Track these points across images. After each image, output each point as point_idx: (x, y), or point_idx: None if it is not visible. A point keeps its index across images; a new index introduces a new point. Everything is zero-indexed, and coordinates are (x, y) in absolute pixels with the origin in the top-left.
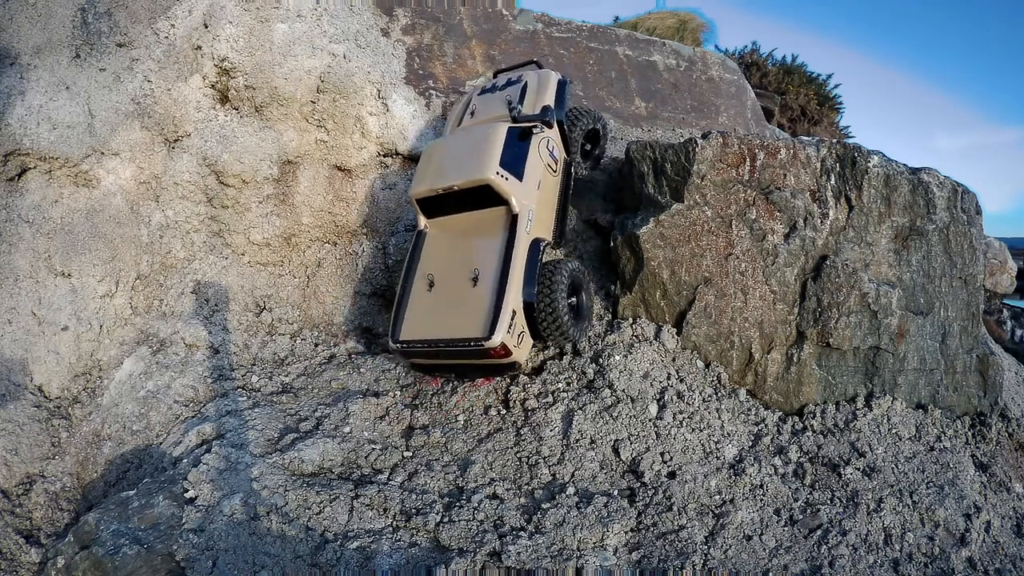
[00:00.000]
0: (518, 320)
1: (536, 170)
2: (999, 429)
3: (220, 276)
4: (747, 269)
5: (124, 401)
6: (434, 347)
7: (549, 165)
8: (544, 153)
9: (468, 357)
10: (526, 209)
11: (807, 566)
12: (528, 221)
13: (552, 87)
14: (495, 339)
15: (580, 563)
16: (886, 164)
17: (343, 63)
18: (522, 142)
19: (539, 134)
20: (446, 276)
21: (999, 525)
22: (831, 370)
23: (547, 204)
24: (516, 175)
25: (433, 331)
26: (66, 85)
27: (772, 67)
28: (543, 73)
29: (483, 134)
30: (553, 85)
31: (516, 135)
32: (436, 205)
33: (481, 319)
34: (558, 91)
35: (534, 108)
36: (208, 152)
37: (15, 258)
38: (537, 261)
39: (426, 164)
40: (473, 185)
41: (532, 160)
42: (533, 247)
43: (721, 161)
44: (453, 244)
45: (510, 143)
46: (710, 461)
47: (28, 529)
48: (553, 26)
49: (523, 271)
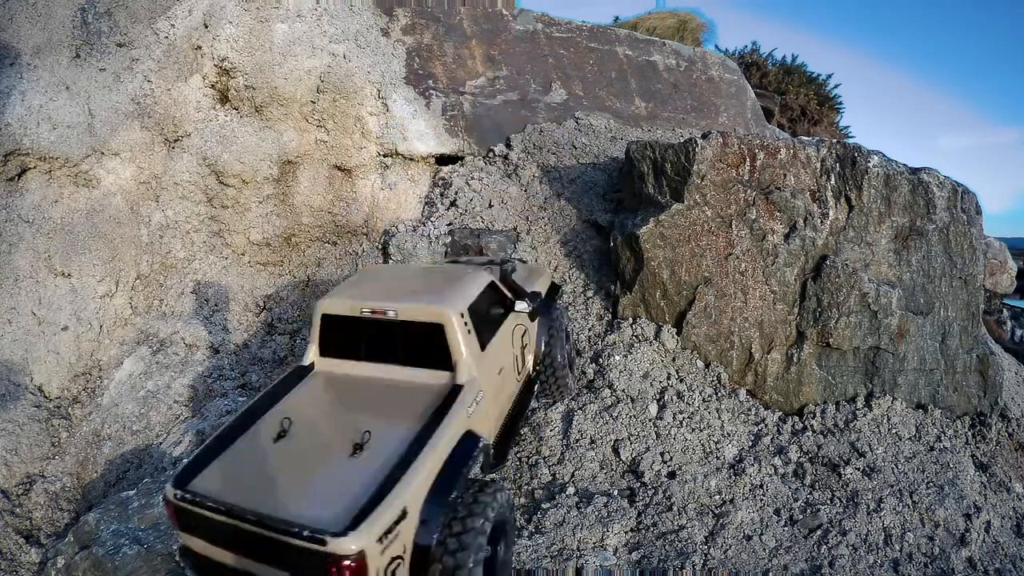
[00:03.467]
0: (404, 532)
1: (503, 352)
2: (999, 429)
3: (220, 276)
4: (747, 269)
5: (124, 401)
6: (233, 521)
7: (517, 357)
8: (517, 340)
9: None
10: (475, 386)
11: (807, 566)
12: (474, 402)
13: (547, 280)
14: (352, 541)
15: (580, 563)
16: (886, 164)
17: (343, 63)
18: (500, 308)
19: (522, 312)
20: (312, 429)
21: (999, 525)
22: (831, 370)
23: (500, 403)
24: (480, 338)
25: (247, 497)
26: (66, 85)
27: (772, 67)
28: (541, 267)
29: (457, 271)
30: (548, 279)
31: (497, 294)
32: (344, 338)
33: (341, 502)
34: (551, 288)
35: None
36: (208, 152)
37: (15, 258)
38: (463, 467)
39: (357, 281)
40: (420, 320)
41: (503, 336)
42: (467, 442)
43: (721, 161)
44: (343, 396)
45: (487, 298)
46: (710, 461)
47: (28, 529)
48: (553, 26)
49: (439, 469)
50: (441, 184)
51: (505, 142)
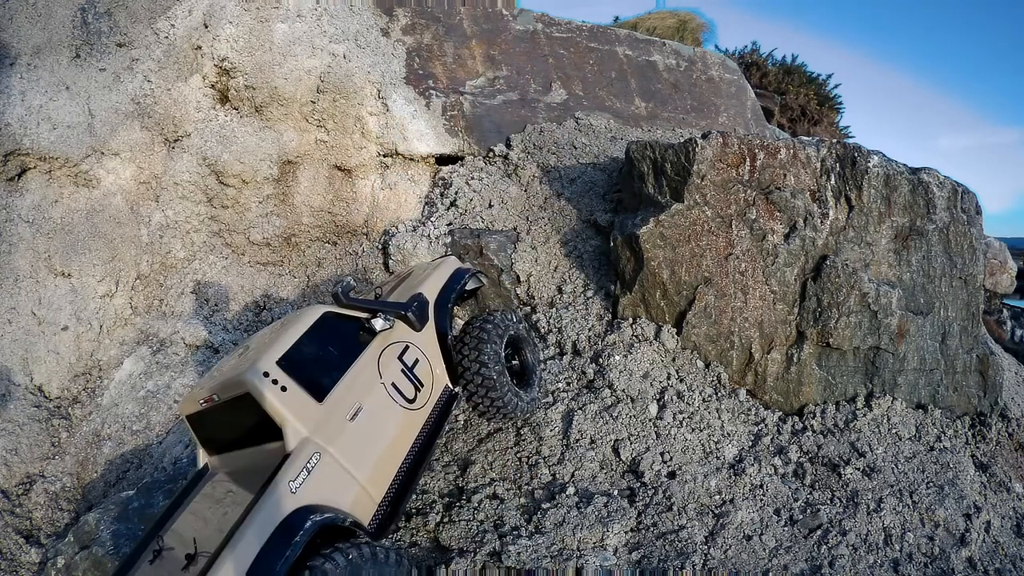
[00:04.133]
0: None
1: (366, 390)
2: (999, 429)
3: (220, 276)
4: (747, 269)
5: (124, 401)
6: None
7: (399, 389)
8: (392, 367)
9: None
10: (308, 448)
11: (807, 566)
12: (304, 472)
13: (444, 273)
14: None
15: (580, 563)
16: (886, 164)
17: (343, 63)
18: (345, 341)
19: (385, 330)
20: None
21: (999, 525)
22: (831, 370)
23: (380, 453)
24: (312, 387)
25: None
26: (66, 85)
27: (772, 67)
28: (441, 260)
29: (286, 319)
30: (446, 272)
31: (336, 326)
32: (213, 431)
33: None
34: (450, 281)
35: (399, 297)
36: (208, 152)
37: (15, 258)
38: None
39: (222, 359)
40: (233, 396)
41: (363, 368)
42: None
43: (721, 161)
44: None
45: (318, 337)
46: (710, 461)
47: (28, 529)
48: (553, 26)
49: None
50: (441, 184)
51: (505, 142)
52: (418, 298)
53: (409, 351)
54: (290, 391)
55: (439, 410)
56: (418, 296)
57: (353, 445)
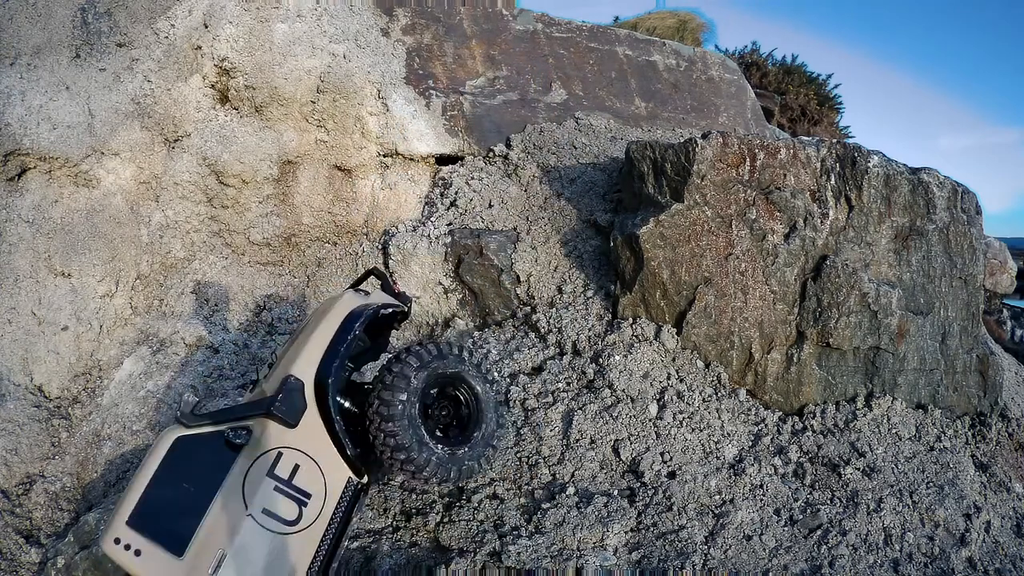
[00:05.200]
0: None
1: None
2: (999, 429)
3: (220, 276)
4: (747, 269)
5: (124, 401)
6: None
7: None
8: (261, 488)
9: None
10: None
11: (807, 566)
12: None
13: (327, 330)
14: None
15: (580, 563)
16: (886, 164)
17: (343, 63)
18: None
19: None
20: None
21: (999, 525)
22: (831, 370)
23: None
24: (169, 541)
25: None
26: (66, 85)
27: (772, 67)
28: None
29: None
30: (332, 325)
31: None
32: None
33: None
34: (337, 337)
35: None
36: (208, 152)
37: (15, 258)
38: None
39: None
40: None
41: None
42: None
43: (721, 161)
44: None
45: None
46: (710, 461)
47: (28, 529)
48: (553, 26)
49: None
50: (441, 184)
51: (505, 142)
52: (286, 384)
53: (283, 459)
54: (145, 554)
55: (342, 513)
56: (286, 381)
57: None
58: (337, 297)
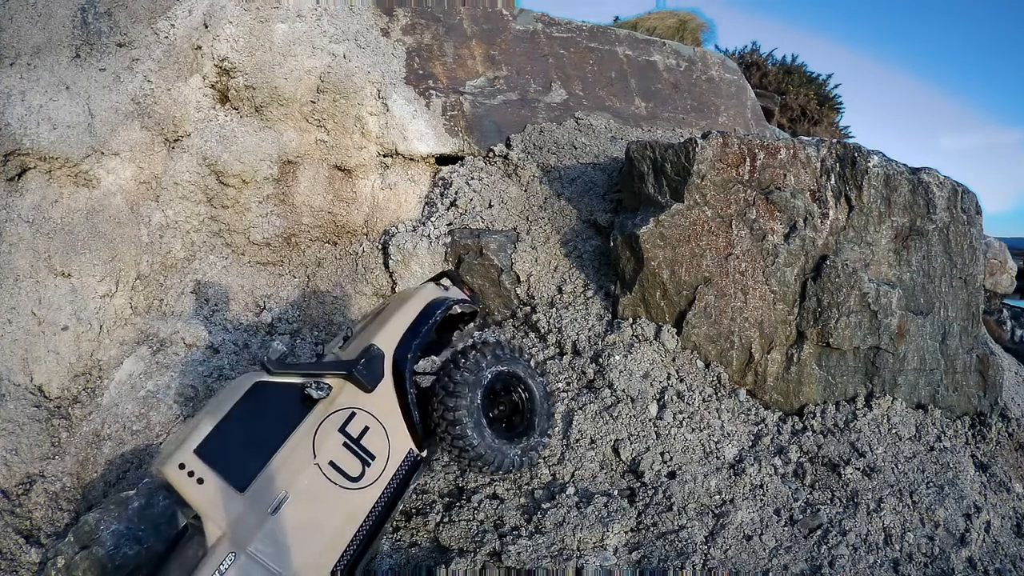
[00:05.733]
0: None
1: (294, 475)
2: (999, 429)
3: (220, 276)
4: (747, 269)
5: (124, 401)
6: None
7: (339, 468)
8: (330, 442)
9: None
10: (223, 548)
11: (807, 566)
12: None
13: (409, 313)
14: None
15: (580, 563)
16: (886, 164)
17: (343, 63)
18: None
19: (322, 397)
20: None
21: (999, 525)
22: (831, 370)
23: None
24: (234, 476)
25: None
26: (66, 85)
27: (772, 67)
28: (415, 291)
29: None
30: (414, 309)
31: (269, 398)
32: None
33: None
34: (418, 321)
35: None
36: (208, 152)
37: (15, 258)
38: None
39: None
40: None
41: (290, 453)
42: None
43: (721, 161)
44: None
45: (246, 412)
46: (710, 461)
47: (28, 529)
48: (553, 26)
49: None
50: (441, 184)
51: (505, 142)
52: (369, 352)
53: (355, 419)
54: (207, 483)
55: (398, 482)
56: (369, 349)
57: (275, 542)
58: (420, 287)
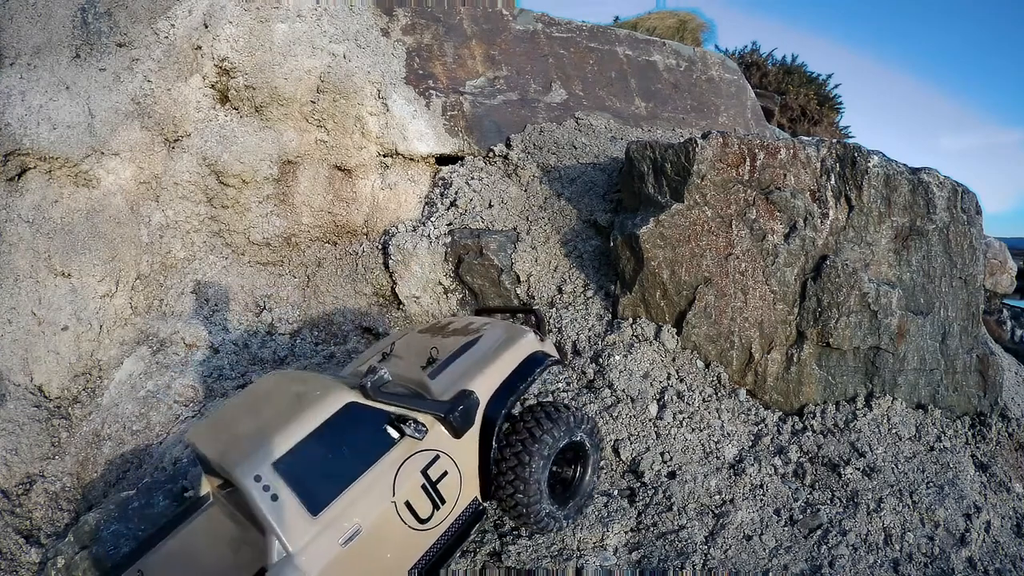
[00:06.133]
0: None
1: (370, 509)
2: (999, 429)
3: (220, 276)
4: (747, 269)
5: (124, 401)
6: None
7: (412, 509)
8: (411, 482)
9: None
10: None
11: (807, 566)
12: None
13: (510, 361)
14: None
15: (580, 563)
16: (886, 164)
17: (343, 63)
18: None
19: (415, 438)
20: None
21: (999, 525)
22: (831, 370)
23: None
24: (309, 497)
25: None
26: (66, 85)
27: (772, 67)
28: (517, 335)
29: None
30: (515, 358)
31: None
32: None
33: None
34: (516, 373)
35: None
36: (208, 152)
37: (15, 258)
38: None
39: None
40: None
41: (371, 485)
42: None
43: (721, 161)
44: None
45: (332, 432)
46: (710, 461)
47: (28, 529)
48: (553, 26)
49: None
50: (441, 184)
51: (505, 142)
52: (466, 399)
53: (438, 463)
54: (281, 500)
55: (458, 529)
56: (466, 396)
57: (342, 572)
58: (521, 332)
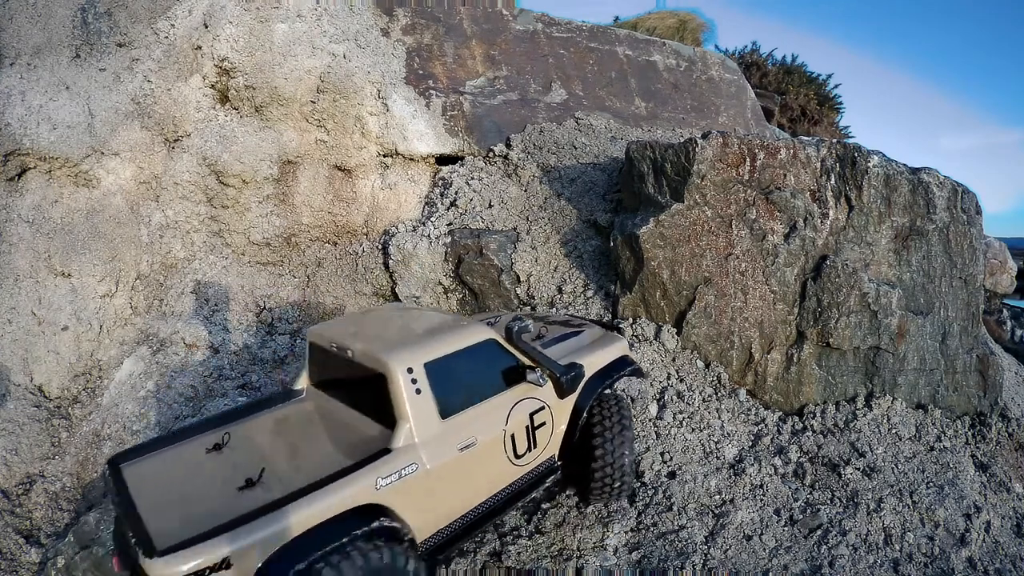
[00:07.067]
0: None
1: (486, 427)
2: (999, 429)
3: (220, 276)
4: (747, 269)
5: (124, 401)
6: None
7: (515, 442)
8: (519, 419)
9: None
10: (406, 456)
11: (807, 566)
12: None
13: (608, 355)
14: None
15: (580, 563)
16: (886, 164)
17: (343, 63)
18: (500, 375)
19: (536, 383)
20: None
21: (999, 525)
22: (831, 370)
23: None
24: (442, 401)
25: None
26: (66, 85)
27: (772, 67)
28: (610, 336)
29: (447, 321)
30: (612, 354)
31: (492, 357)
32: (326, 372)
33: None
34: (611, 366)
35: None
36: (208, 152)
37: (15, 258)
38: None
39: (355, 316)
40: (368, 365)
41: (494, 409)
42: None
43: (721, 161)
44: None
45: (472, 358)
46: (710, 461)
47: (28, 529)
48: (553, 26)
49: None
50: (441, 184)
51: (505, 142)
52: (577, 369)
53: (541, 412)
54: (422, 396)
55: (535, 475)
56: (577, 367)
57: (450, 473)
58: (617, 337)
